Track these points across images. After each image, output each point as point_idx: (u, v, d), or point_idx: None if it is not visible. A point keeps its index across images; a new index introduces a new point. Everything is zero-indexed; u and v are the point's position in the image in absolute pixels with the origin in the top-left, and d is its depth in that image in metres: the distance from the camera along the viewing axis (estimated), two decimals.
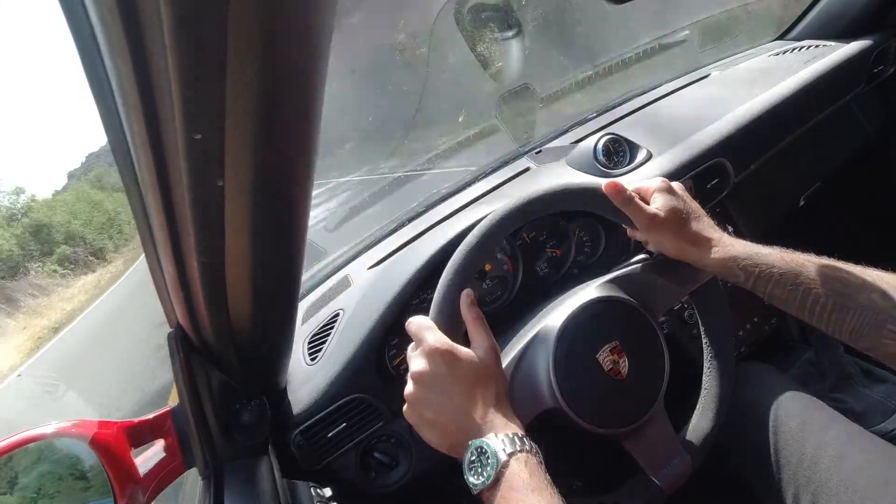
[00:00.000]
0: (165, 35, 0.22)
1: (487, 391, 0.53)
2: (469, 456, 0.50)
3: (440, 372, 0.53)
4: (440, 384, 0.53)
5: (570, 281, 0.94)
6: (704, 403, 0.67)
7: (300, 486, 0.68)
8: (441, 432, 0.54)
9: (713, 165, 1.01)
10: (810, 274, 0.56)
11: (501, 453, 0.48)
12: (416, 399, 0.55)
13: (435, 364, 0.54)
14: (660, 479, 0.61)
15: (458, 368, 0.53)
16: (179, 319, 0.56)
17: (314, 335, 0.87)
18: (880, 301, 0.52)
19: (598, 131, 1.09)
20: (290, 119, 0.28)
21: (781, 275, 0.57)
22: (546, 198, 0.63)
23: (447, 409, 0.53)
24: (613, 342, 0.60)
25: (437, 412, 0.53)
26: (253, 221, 0.35)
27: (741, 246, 0.61)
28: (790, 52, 1.30)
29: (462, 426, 0.52)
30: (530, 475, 0.48)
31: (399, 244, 0.97)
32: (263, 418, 0.68)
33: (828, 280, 0.55)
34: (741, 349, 1.05)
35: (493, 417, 0.52)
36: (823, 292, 0.55)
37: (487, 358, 0.55)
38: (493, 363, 0.56)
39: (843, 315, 0.54)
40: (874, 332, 0.52)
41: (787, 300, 0.58)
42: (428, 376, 0.54)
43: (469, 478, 0.49)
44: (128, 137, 0.32)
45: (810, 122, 1.17)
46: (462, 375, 0.53)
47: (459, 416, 0.52)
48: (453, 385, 0.53)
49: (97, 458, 0.54)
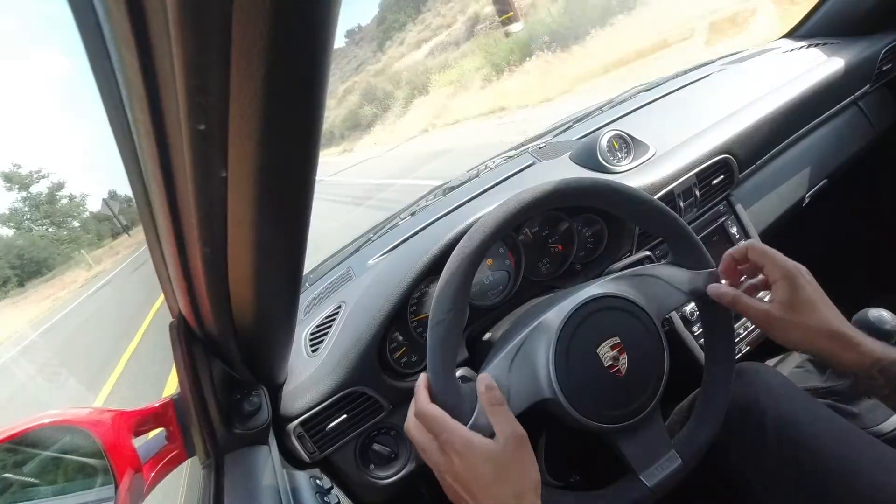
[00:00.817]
0: (170, 24, 0.22)
1: (510, 485, 0.51)
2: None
3: (458, 470, 0.51)
4: (460, 481, 0.51)
5: (572, 276, 0.94)
6: (701, 409, 0.67)
7: (300, 476, 0.69)
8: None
9: (718, 162, 1.01)
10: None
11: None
12: (446, 488, 0.54)
13: (454, 462, 0.51)
14: (648, 479, 0.61)
15: (474, 466, 0.51)
16: (182, 309, 0.56)
17: (316, 327, 0.87)
18: None
19: (602, 127, 1.08)
20: (294, 109, 0.28)
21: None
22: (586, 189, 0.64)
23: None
24: (615, 338, 0.60)
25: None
26: (256, 212, 0.35)
27: (881, 348, 0.57)
28: (798, 49, 1.29)
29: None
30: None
31: (401, 238, 0.97)
32: (264, 409, 0.69)
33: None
34: (741, 349, 1.05)
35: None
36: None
37: (508, 445, 0.52)
38: (517, 449, 0.52)
39: None
40: None
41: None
42: (447, 472, 0.52)
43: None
44: (132, 127, 0.32)
45: (817, 120, 1.16)
46: (480, 474, 0.50)
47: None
48: (476, 482, 0.51)
49: (99, 445, 0.54)
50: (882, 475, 0.60)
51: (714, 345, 0.69)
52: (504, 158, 1.19)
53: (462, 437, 0.52)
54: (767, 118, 1.07)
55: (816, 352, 0.60)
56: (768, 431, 0.68)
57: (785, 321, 0.59)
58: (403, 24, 30.34)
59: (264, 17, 0.22)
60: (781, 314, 0.59)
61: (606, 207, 0.67)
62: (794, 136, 1.14)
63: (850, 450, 0.64)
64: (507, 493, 0.50)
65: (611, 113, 1.22)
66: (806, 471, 0.64)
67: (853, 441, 0.65)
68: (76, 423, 0.55)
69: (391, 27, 32.04)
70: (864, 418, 0.82)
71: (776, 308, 0.60)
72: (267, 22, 0.23)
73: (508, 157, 1.19)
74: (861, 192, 1.42)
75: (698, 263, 0.68)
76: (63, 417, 0.55)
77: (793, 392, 0.71)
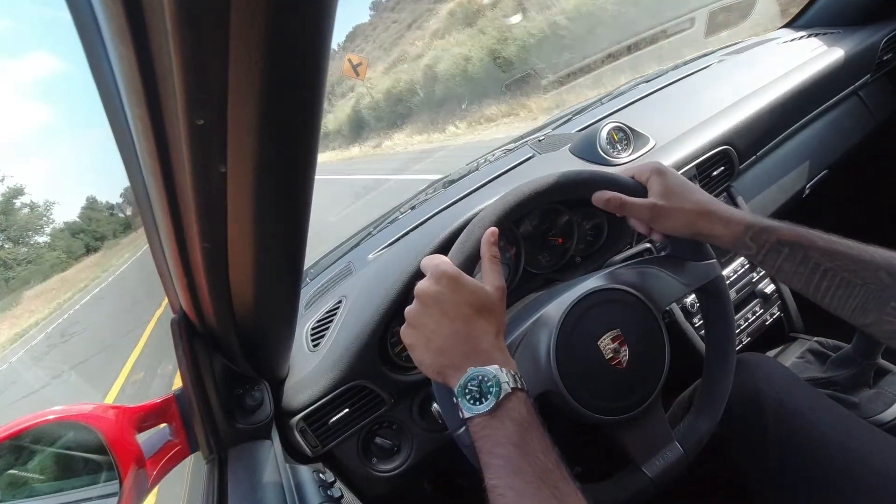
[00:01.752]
0: (167, 20, 0.22)
1: (489, 323, 0.53)
2: (467, 381, 0.50)
3: (444, 293, 0.53)
4: (442, 305, 0.53)
5: (573, 269, 0.94)
6: (702, 401, 0.67)
7: (303, 470, 0.69)
8: (434, 353, 0.53)
9: (718, 153, 1.01)
10: (819, 249, 0.56)
11: (506, 385, 0.48)
12: (415, 317, 0.55)
13: (440, 286, 0.54)
14: (650, 470, 0.62)
15: (462, 294, 0.53)
16: (183, 305, 0.56)
17: (317, 322, 0.87)
18: (886, 279, 0.52)
19: (602, 119, 1.08)
20: (292, 105, 0.28)
21: (791, 248, 0.57)
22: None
23: (445, 331, 0.53)
24: (616, 330, 0.60)
25: (434, 332, 0.53)
26: (255, 208, 0.35)
27: (752, 218, 0.61)
28: (798, 39, 1.29)
29: (460, 350, 0.52)
30: (527, 411, 0.48)
31: (401, 232, 0.97)
32: (266, 403, 0.69)
33: (836, 256, 0.55)
34: (742, 339, 1.05)
35: (495, 351, 0.52)
36: (831, 268, 0.55)
37: (494, 295, 0.55)
38: (499, 302, 0.55)
39: (848, 291, 0.54)
40: (877, 310, 0.52)
41: (794, 274, 0.58)
42: (431, 296, 0.54)
43: (463, 402, 0.49)
44: (130, 123, 0.32)
45: (817, 110, 1.16)
46: (465, 301, 0.53)
47: (458, 339, 0.52)
48: (455, 308, 0.53)
49: (103, 441, 0.54)
50: (882, 464, 0.61)
51: (715, 337, 0.70)
52: (504, 151, 1.19)
53: (457, 270, 0.55)
54: (767, 109, 1.06)
55: (696, 232, 0.63)
56: (769, 421, 0.68)
57: (666, 209, 0.63)
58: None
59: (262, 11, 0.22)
60: (662, 202, 0.63)
61: None
62: (795, 126, 1.13)
63: (849, 439, 0.64)
64: (489, 327, 0.53)
65: (610, 105, 1.22)
66: (806, 460, 0.65)
67: (853, 430, 0.65)
68: (80, 419, 0.55)
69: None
70: (864, 408, 0.83)
71: (656, 199, 0.64)
72: (265, 16, 0.22)
73: (508, 149, 1.19)
74: (862, 182, 1.42)
75: (698, 255, 0.68)
76: (67, 414, 0.55)
77: (793, 382, 0.72)
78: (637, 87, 1.30)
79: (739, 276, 1.05)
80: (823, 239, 0.56)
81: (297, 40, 0.25)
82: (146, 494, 0.58)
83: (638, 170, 0.68)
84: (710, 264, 0.68)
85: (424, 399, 0.83)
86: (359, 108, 20.30)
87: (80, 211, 45.67)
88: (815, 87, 1.13)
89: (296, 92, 0.28)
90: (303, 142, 0.32)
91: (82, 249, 39.90)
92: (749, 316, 1.06)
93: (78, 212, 45.81)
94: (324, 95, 0.30)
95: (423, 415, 0.82)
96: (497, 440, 0.47)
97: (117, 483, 0.54)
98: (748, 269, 1.06)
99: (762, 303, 1.07)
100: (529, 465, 0.45)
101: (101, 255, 37.24)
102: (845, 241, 0.56)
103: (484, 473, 0.47)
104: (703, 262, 0.67)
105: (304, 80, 0.28)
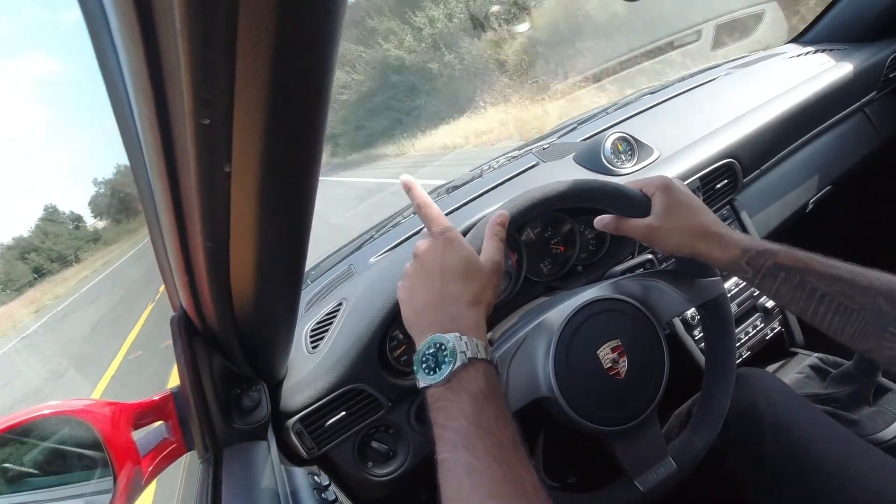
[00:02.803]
0: (176, 19, 0.22)
1: (466, 289, 0.53)
2: (425, 348, 0.49)
3: (436, 253, 0.54)
4: (429, 264, 0.54)
5: (574, 278, 0.94)
6: (699, 418, 0.67)
7: (298, 472, 0.69)
8: (413, 312, 0.54)
9: (722, 166, 1.01)
10: (816, 273, 0.55)
11: (461, 355, 0.47)
12: (407, 273, 0.56)
13: (434, 245, 0.54)
14: (642, 484, 0.61)
15: (452, 255, 0.54)
16: (183, 303, 0.56)
17: (316, 324, 0.87)
18: (884, 304, 0.51)
19: (606, 129, 1.08)
20: (299, 105, 0.28)
21: (787, 273, 0.57)
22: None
23: (427, 291, 0.53)
24: (615, 341, 0.60)
25: (416, 291, 0.54)
26: (259, 207, 0.35)
27: (749, 241, 0.61)
28: (804, 54, 1.29)
29: (430, 313, 0.52)
30: (485, 383, 0.47)
31: (403, 236, 0.97)
32: (263, 404, 0.69)
33: (833, 280, 0.54)
34: (742, 353, 1.05)
35: (465, 317, 0.51)
36: (829, 293, 0.54)
37: (487, 263, 0.55)
38: (490, 271, 0.55)
39: (846, 317, 0.53)
40: (876, 335, 0.52)
41: (791, 299, 0.57)
42: (424, 253, 0.55)
43: (418, 371, 0.49)
44: (136, 120, 0.32)
45: (822, 126, 1.16)
46: (453, 263, 0.53)
47: (433, 301, 0.52)
48: (443, 269, 0.53)
49: (99, 437, 0.54)
50: (878, 483, 0.60)
51: (714, 354, 0.69)
52: (508, 158, 1.19)
53: (455, 234, 0.56)
54: (772, 123, 1.06)
55: (695, 252, 0.63)
56: (766, 437, 0.68)
57: (665, 229, 0.63)
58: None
59: (270, 10, 0.22)
60: (661, 223, 0.63)
61: (613, 210, 0.67)
62: (799, 141, 1.13)
63: (846, 457, 0.64)
64: (469, 291, 0.53)
65: (616, 115, 1.22)
66: (802, 477, 0.64)
67: (850, 448, 0.65)
68: (76, 414, 0.55)
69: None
70: (863, 425, 0.82)
71: (655, 219, 0.64)
72: (273, 16, 0.23)
73: (512, 157, 1.19)
74: (866, 198, 1.42)
75: (703, 272, 0.68)
76: (63, 409, 0.55)
77: (791, 398, 0.71)
78: (642, 98, 1.30)
79: (741, 290, 1.05)
80: (822, 263, 0.56)
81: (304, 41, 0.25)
82: (140, 491, 0.57)
83: (645, 183, 0.67)
84: (714, 281, 0.67)
85: (422, 404, 0.82)
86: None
87: (36, 224, 37.29)
88: (821, 102, 1.13)
89: (302, 93, 0.28)
90: (308, 142, 0.32)
91: (28, 276, 32.38)
92: (750, 330, 1.06)
93: (32, 225, 36.75)
94: (330, 97, 0.30)
95: (420, 420, 0.82)
96: (450, 413, 0.45)
97: (111, 479, 0.54)
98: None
99: (763, 317, 1.07)
100: (482, 440, 0.43)
101: (53, 283, 30.16)
102: (844, 266, 0.55)
103: (436, 447, 0.45)
104: (707, 280, 0.67)
105: (310, 81, 0.28)
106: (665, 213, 0.63)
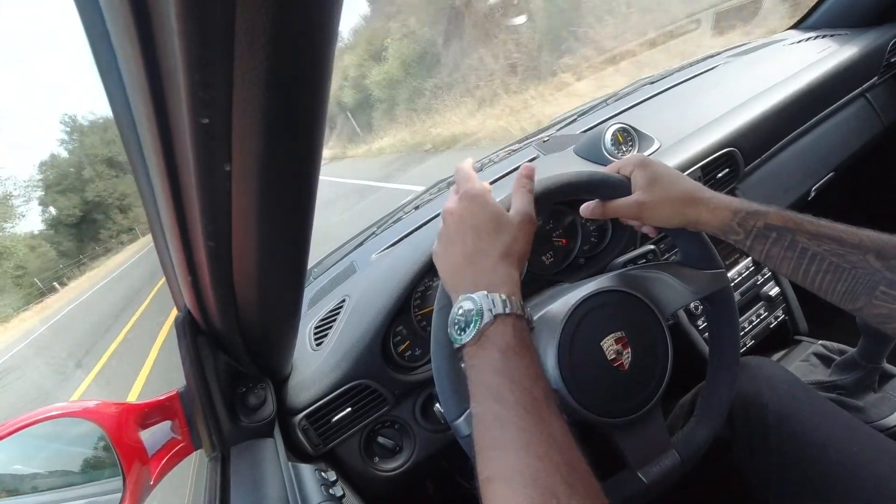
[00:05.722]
0: (173, 19, 0.22)
1: (496, 242, 0.53)
2: (457, 309, 0.50)
3: (463, 212, 0.54)
4: (460, 224, 0.54)
5: (576, 271, 0.94)
6: (703, 410, 0.67)
7: (305, 469, 0.69)
8: (448, 272, 0.54)
9: (724, 155, 1.00)
10: (807, 233, 0.55)
11: (488, 313, 0.48)
12: (440, 237, 0.56)
13: (461, 204, 0.55)
14: (646, 476, 0.61)
15: (478, 214, 0.54)
16: (187, 303, 0.56)
17: (320, 321, 0.87)
18: (874, 262, 0.51)
19: (606, 121, 1.08)
20: (297, 103, 0.28)
21: (778, 233, 0.57)
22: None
23: (458, 250, 0.53)
24: (619, 332, 0.60)
25: (449, 250, 0.54)
26: (260, 206, 0.35)
27: (738, 202, 0.60)
28: (804, 41, 1.28)
29: (463, 271, 0.52)
30: (514, 338, 0.47)
31: (405, 232, 0.97)
32: (269, 402, 0.69)
33: (824, 240, 0.54)
34: (745, 342, 1.05)
35: (494, 273, 0.51)
36: (819, 252, 0.54)
37: (516, 216, 0.55)
38: (520, 226, 0.55)
39: (837, 276, 0.53)
40: (866, 294, 0.52)
41: (782, 259, 0.57)
42: (453, 213, 0.55)
43: (451, 331, 0.50)
44: (136, 121, 0.32)
45: (823, 112, 1.15)
46: (481, 222, 0.53)
47: (466, 258, 0.52)
48: (472, 228, 0.53)
49: (107, 437, 0.55)
50: (884, 469, 0.60)
51: (719, 346, 0.69)
52: (508, 152, 1.19)
53: (483, 190, 0.56)
54: (773, 111, 1.06)
55: (686, 220, 0.62)
56: (770, 425, 0.68)
57: (652, 202, 0.62)
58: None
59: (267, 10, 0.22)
60: (646, 197, 0.63)
61: (596, 196, 0.67)
62: (801, 128, 1.13)
63: (851, 444, 0.64)
64: (498, 247, 0.53)
65: (615, 106, 1.22)
66: (807, 465, 0.64)
67: (855, 435, 0.65)
68: (84, 415, 0.55)
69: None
70: (868, 412, 0.82)
71: (640, 194, 0.63)
72: (270, 15, 0.23)
73: (512, 150, 1.19)
74: (868, 185, 1.41)
75: (707, 263, 0.67)
76: (71, 410, 0.55)
77: (795, 386, 0.71)
78: (642, 89, 1.30)
79: (744, 279, 1.05)
80: (812, 223, 0.56)
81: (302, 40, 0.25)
82: (149, 491, 0.58)
83: (622, 164, 0.67)
84: (718, 273, 0.67)
85: (427, 399, 0.83)
86: None
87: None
88: (822, 88, 1.12)
89: (300, 91, 0.28)
90: (307, 140, 0.32)
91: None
92: (753, 318, 1.05)
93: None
94: (328, 94, 0.30)
95: (425, 414, 0.82)
96: (481, 368, 0.47)
97: (121, 479, 0.54)
98: (753, 272, 1.06)
99: (767, 305, 1.07)
100: (512, 392, 0.44)
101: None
102: (834, 225, 0.55)
103: (471, 403, 0.46)
104: (711, 271, 0.67)
105: (308, 79, 0.28)
106: (648, 187, 0.63)
